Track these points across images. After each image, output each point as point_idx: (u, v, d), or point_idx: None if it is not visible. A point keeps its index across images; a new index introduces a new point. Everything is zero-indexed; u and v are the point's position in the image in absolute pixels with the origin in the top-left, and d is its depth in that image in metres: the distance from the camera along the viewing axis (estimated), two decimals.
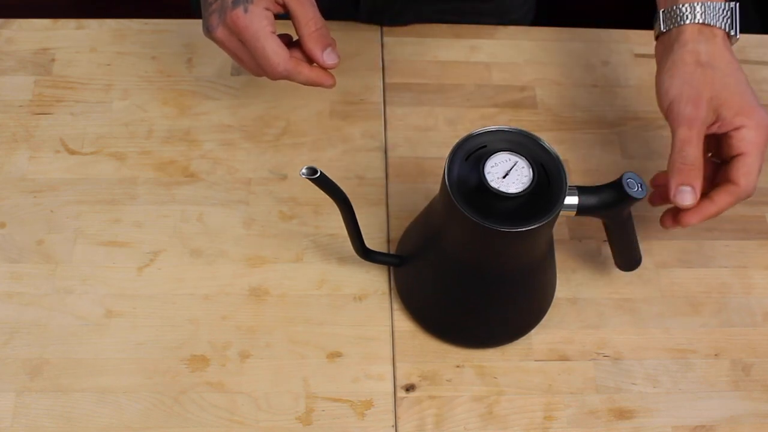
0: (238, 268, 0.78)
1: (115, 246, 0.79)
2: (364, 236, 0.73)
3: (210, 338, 0.75)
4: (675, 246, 0.83)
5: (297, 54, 0.73)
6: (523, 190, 0.63)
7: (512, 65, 0.94)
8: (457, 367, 0.75)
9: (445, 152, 0.65)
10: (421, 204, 0.76)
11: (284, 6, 0.70)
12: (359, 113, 0.89)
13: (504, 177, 0.63)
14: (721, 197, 0.68)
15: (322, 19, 0.72)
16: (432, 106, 0.90)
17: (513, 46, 0.96)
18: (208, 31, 0.71)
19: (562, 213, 0.66)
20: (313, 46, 0.71)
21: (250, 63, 0.72)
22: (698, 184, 0.67)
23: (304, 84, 0.74)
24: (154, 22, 0.93)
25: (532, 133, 0.66)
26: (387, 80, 0.92)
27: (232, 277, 0.78)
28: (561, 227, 0.83)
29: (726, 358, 0.77)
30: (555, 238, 0.79)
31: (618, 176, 0.68)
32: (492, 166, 0.64)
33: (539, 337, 0.77)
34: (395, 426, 0.72)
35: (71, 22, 0.93)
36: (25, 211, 0.80)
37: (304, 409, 0.72)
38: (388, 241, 0.81)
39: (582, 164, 0.86)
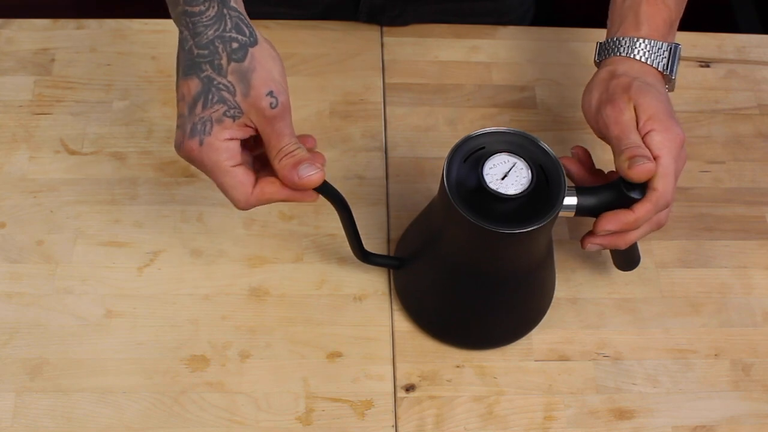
0: (238, 268, 0.78)
1: (115, 246, 0.79)
2: (364, 236, 0.73)
3: (210, 338, 0.75)
4: (675, 246, 0.83)
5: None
6: (522, 192, 0.63)
7: (512, 65, 0.94)
8: (457, 367, 0.75)
9: (445, 152, 0.65)
10: (421, 204, 0.76)
11: (255, 129, 0.62)
12: (359, 113, 0.89)
13: (503, 178, 0.63)
14: (640, 205, 0.67)
15: (294, 137, 0.62)
16: (432, 106, 0.90)
17: (513, 46, 0.96)
18: (174, 145, 0.64)
19: (560, 214, 0.66)
20: (286, 174, 0.62)
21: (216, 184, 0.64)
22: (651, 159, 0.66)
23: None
24: (154, 22, 0.93)
25: (530, 134, 0.66)
26: (387, 80, 0.92)
27: (232, 277, 0.78)
28: (561, 227, 0.83)
29: (726, 358, 0.77)
30: (555, 238, 0.79)
31: (617, 177, 0.68)
32: (491, 168, 0.64)
33: (539, 337, 0.77)
34: (395, 426, 0.72)
35: (71, 22, 0.93)
36: (25, 211, 0.80)
37: (304, 409, 0.72)
38: (388, 241, 0.81)
39: None
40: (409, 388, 0.73)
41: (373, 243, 0.80)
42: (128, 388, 0.72)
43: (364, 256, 0.74)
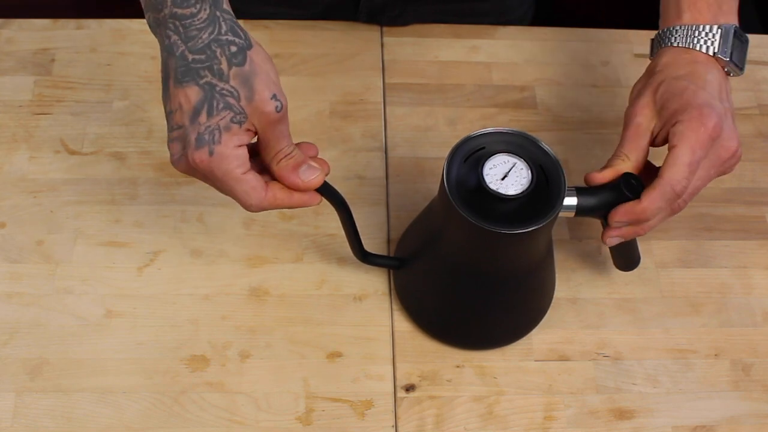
0: (238, 268, 0.78)
1: (115, 246, 0.79)
2: (364, 236, 0.73)
3: (210, 338, 0.75)
4: (675, 246, 0.83)
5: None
6: (522, 192, 0.63)
7: (512, 65, 0.94)
8: (457, 367, 0.75)
9: (445, 152, 0.65)
10: (421, 204, 0.76)
11: (256, 132, 0.60)
12: (359, 113, 0.89)
13: (503, 179, 0.63)
14: (647, 194, 0.67)
15: (291, 139, 0.62)
16: (432, 106, 0.90)
17: (513, 46, 0.96)
18: (171, 160, 0.61)
19: (560, 214, 0.66)
20: (286, 175, 0.62)
21: (222, 192, 0.63)
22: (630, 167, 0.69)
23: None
24: None
25: (530, 134, 0.66)
26: (387, 80, 0.92)
27: (232, 277, 0.78)
28: (561, 227, 0.83)
29: (726, 358, 0.77)
30: (555, 238, 0.79)
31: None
32: (491, 168, 0.64)
33: (539, 337, 0.77)
34: (395, 426, 0.72)
35: (71, 22, 0.93)
36: (25, 211, 0.80)
37: (304, 409, 0.72)
38: (388, 242, 0.81)
39: (582, 164, 0.86)
40: (409, 388, 0.74)
41: (373, 243, 0.80)
42: (128, 388, 0.72)
43: (364, 257, 0.74)
